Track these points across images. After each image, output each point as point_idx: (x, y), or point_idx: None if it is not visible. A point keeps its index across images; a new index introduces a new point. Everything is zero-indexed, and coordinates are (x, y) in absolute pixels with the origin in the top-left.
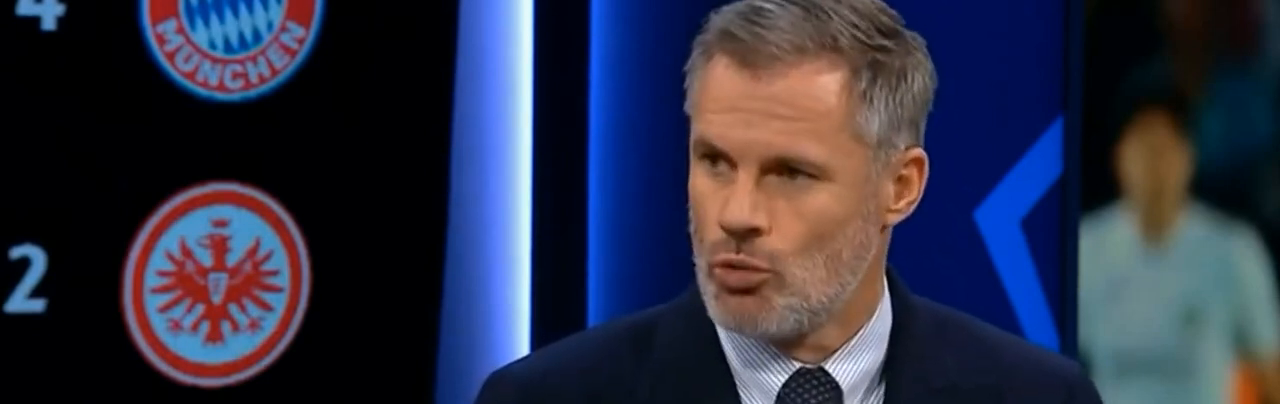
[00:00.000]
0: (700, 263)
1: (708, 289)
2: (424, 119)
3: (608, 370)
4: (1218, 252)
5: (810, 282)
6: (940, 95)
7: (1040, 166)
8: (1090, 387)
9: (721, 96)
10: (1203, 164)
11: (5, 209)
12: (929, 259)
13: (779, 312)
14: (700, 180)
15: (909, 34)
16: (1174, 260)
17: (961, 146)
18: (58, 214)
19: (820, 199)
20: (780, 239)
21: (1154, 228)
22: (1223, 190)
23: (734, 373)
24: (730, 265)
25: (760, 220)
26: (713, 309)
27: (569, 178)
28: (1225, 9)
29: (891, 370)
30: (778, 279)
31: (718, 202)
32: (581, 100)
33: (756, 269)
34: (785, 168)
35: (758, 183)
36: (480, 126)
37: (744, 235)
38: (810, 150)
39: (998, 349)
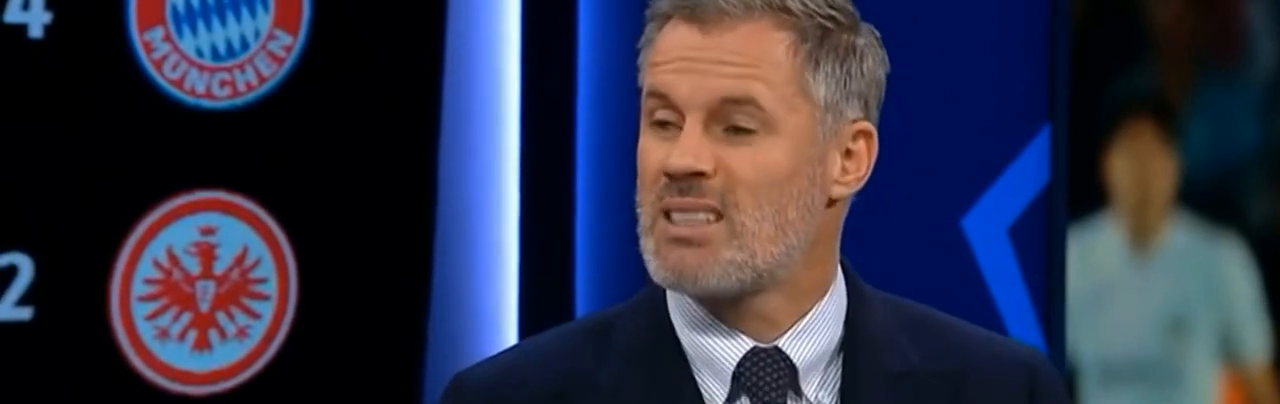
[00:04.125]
0: (643, 217)
1: (648, 245)
2: (411, 126)
3: (568, 361)
4: (1204, 259)
5: (758, 236)
6: (928, 103)
7: (1027, 174)
8: (1051, 369)
9: (670, 50)
10: (1189, 172)
11: None
12: (916, 266)
13: (722, 266)
14: (646, 142)
15: (865, 24)
16: (1160, 268)
17: (949, 154)
18: (45, 222)
19: (766, 151)
20: (727, 181)
21: (1141, 235)
22: (1209, 198)
23: (689, 357)
24: (671, 212)
25: (705, 164)
26: (652, 264)
27: (556, 185)
28: (1211, 17)
29: (848, 352)
30: (727, 226)
31: (661, 155)
32: (569, 105)
33: (706, 209)
34: (732, 122)
35: (705, 131)
36: (467, 133)
37: (688, 180)
38: (758, 92)
39: (957, 335)
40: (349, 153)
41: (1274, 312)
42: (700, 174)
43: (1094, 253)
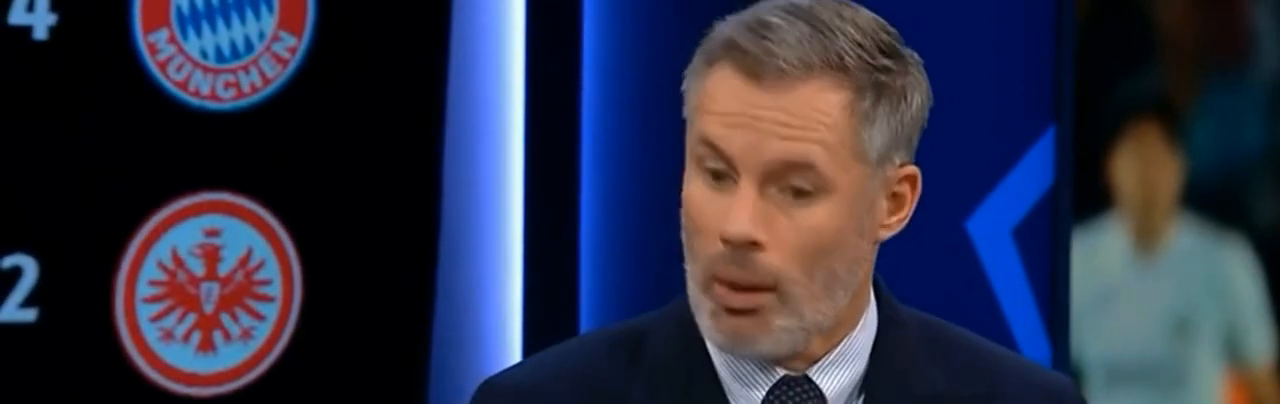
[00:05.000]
0: (694, 271)
1: (703, 305)
2: (416, 128)
3: (599, 377)
4: (1209, 261)
5: (807, 300)
6: (933, 104)
7: (1032, 176)
8: (1080, 399)
9: (728, 104)
10: (1194, 173)
11: None
12: (921, 269)
13: (775, 334)
14: (698, 189)
15: (907, 52)
16: (1165, 270)
17: (953, 156)
18: (50, 223)
19: (819, 215)
20: (779, 255)
21: (1145, 237)
22: (1214, 200)
23: (722, 381)
24: (731, 284)
25: (760, 233)
26: (708, 327)
27: (560, 186)
28: (1216, 19)
29: (873, 380)
30: (779, 298)
31: (715, 210)
32: (573, 106)
33: (758, 288)
34: (786, 182)
35: (759, 195)
36: (472, 135)
37: (743, 248)
38: (816, 157)
39: (989, 361)
40: (353, 154)
41: (1279, 313)
42: (754, 243)
43: (1099, 255)
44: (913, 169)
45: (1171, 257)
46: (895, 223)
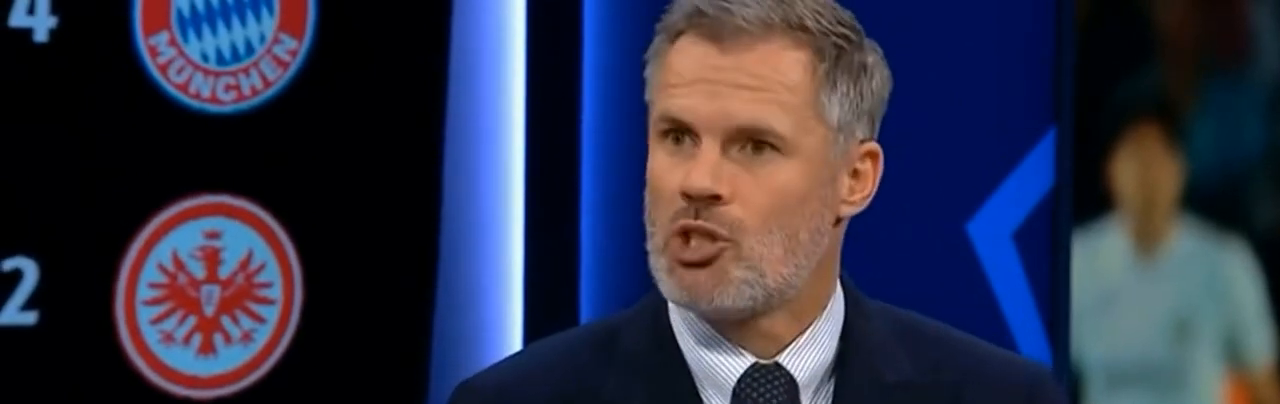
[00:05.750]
0: (655, 240)
1: (660, 264)
2: (416, 130)
3: (574, 373)
4: (1209, 263)
5: (767, 258)
6: (932, 107)
7: (1032, 179)
8: (1053, 385)
9: (686, 69)
10: (1194, 176)
11: None
12: (921, 271)
13: (735, 285)
14: (659, 159)
15: (869, 41)
16: (1166, 272)
17: (953, 159)
18: (50, 226)
19: (782, 173)
20: (742, 209)
21: (1146, 240)
22: (1214, 202)
23: (692, 371)
24: (688, 233)
25: (723, 188)
26: (665, 284)
27: (561, 187)
28: (1216, 20)
29: (843, 366)
30: (735, 249)
31: (678, 174)
32: (574, 108)
33: (715, 236)
34: (748, 142)
35: (722, 153)
36: (472, 136)
37: (705, 203)
38: (776, 120)
39: (958, 350)
40: (354, 157)
41: (1279, 315)
42: (716, 197)
43: (1099, 257)
44: (874, 146)
45: (1172, 259)
46: (859, 200)
